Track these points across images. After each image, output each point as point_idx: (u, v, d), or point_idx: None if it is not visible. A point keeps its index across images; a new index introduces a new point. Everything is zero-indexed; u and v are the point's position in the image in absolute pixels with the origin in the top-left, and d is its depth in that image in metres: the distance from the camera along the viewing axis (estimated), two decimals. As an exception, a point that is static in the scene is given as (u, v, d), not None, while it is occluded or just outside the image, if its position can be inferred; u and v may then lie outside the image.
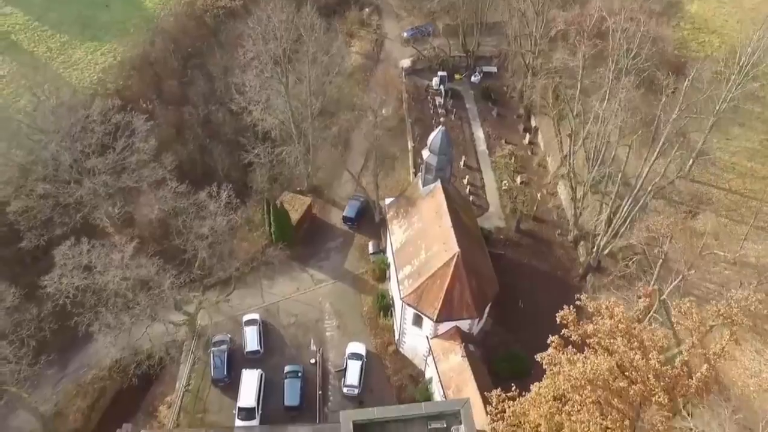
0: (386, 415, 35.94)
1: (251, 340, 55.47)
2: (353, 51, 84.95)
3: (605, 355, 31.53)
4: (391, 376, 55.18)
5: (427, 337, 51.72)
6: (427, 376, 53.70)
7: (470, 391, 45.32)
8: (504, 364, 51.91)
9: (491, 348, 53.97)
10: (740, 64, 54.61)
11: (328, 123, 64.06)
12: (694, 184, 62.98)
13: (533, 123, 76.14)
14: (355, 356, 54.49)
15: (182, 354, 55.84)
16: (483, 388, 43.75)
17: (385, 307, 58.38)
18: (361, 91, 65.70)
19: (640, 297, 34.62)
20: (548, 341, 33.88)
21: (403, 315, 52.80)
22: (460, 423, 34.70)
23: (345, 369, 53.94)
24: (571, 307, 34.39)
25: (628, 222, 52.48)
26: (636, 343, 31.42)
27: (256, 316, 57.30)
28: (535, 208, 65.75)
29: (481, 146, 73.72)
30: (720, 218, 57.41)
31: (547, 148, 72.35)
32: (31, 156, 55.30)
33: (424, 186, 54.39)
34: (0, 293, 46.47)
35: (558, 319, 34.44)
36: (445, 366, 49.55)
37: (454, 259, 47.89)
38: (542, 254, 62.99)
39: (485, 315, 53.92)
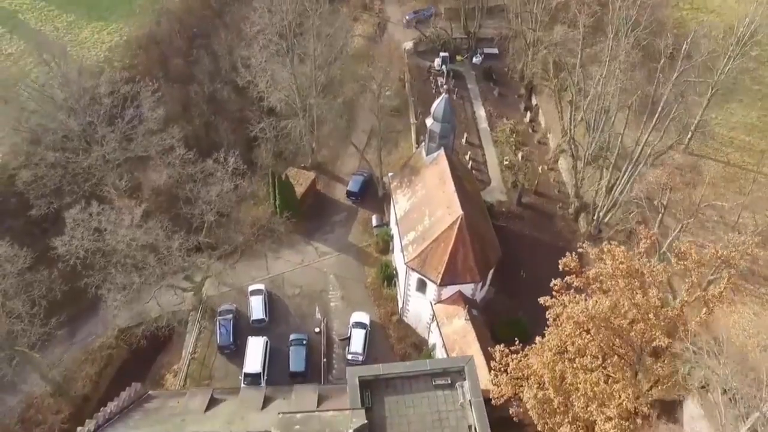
0: (391, 371, 36.62)
1: (256, 308, 56.10)
2: (356, 34, 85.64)
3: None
4: (395, 344, 55.81)
5: (430, 303, 52.46)
6: (431, 343, 54.33)
7: (474, 352, 45.79)
8: (506, 329, 52.35)
9: (493, 315, 54.53)
10: (738, 35, 55.57)
11: (333, 97, 64.80)
12: (692, 156, 63.89)
13: (534, 102, 77.03)
14: (359, 325, 55.09)
15: (189, 323, 56.57)
16: (486, 350, 44.42)
17: (388, 277, 59.06)
18: (366, 64, 66.64)
19: (641, 239, 35.27)
20: (551, 285, 34.59)
21: (407, 282, 53.47)
22: (464, 380, 35.25)
23: (349, 337, 54.53)
24: (573, 253, 35.11)
25: (627, 188, 53.29)
26: (637, 282, 32.11)
27: (261, 286, 57.93)
28: (536, 182, 66.53)
29: (483, 124, 74.55)
30: (718, 189, 58.23)
31: (547, 125, 73.17)
32: (41, 126, 55.97)
33: (427, 155, 55.11)
34: (11, 256, 46.87)
35: (560, 266, 35.15)
36: (448, 329, 50.17)
37: (458, 222, 48.54)
38: (543, 226, 63.71)
39: (488, 281, 54.69)
